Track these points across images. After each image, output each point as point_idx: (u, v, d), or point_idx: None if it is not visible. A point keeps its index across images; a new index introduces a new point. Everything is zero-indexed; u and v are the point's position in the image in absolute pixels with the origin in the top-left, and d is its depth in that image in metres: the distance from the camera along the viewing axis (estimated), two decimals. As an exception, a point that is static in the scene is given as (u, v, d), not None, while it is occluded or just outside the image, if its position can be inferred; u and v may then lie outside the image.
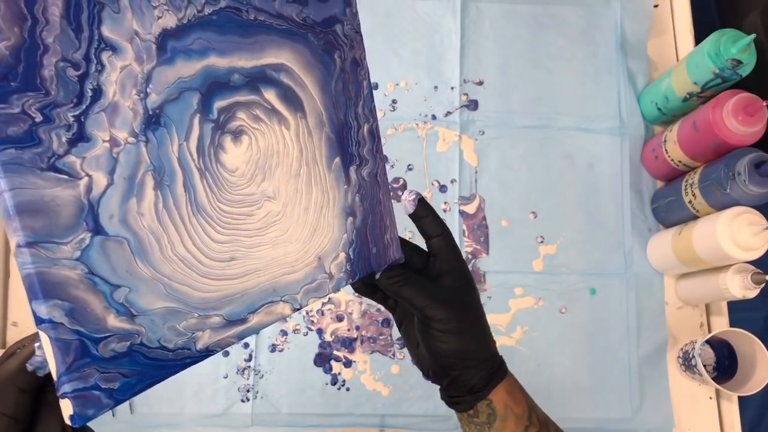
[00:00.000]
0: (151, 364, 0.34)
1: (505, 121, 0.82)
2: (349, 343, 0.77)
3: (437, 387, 0.43)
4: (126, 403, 0.74)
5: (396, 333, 0.77)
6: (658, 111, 0.80)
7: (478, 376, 0.40)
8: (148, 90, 0.35)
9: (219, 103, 0.37)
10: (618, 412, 0.76)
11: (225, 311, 0.37)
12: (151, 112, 0.35)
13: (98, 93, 0.33)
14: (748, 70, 0.68)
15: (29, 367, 0.32)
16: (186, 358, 0.35)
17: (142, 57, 0.34)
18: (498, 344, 0.53)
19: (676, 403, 0.77)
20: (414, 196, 0.45)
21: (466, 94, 0.83)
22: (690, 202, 0.72)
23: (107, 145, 0.33)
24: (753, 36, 0.64)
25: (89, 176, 0.32)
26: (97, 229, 0.32)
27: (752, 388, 0.68)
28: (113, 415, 0.73)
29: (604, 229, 0.80)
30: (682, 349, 0.76)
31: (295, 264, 0.41)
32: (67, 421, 0.30)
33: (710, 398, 0.77)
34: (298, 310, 0.40)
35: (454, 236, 0.45)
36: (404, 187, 0.80)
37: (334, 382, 0.75)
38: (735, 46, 0.66)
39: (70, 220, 0.31)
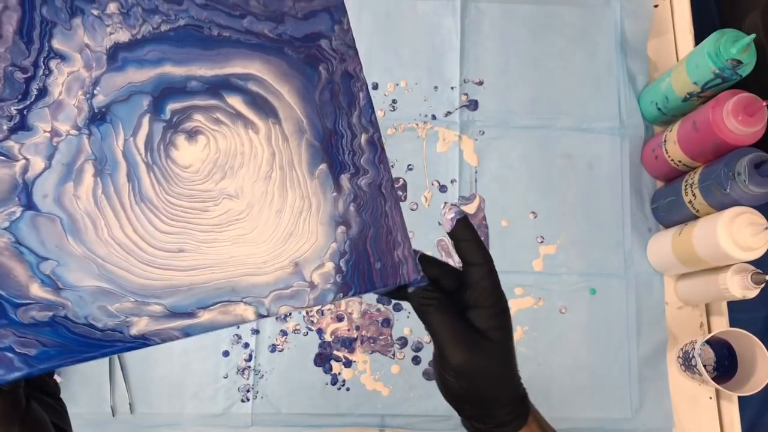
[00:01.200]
0: (76, 340, 0.35)
1: (505, 121, 0.82)
2: (349, 343, 0.77)
3: (437, 387, 0.42)
4: (126, 403, 0.74)
5: (396, 333, 0.77)
6: (658, 111, 0.80)
7: (490, 423, 0.38)
8: (95, 92, 0.37)
9: (172, 106, 0.39)
10: (618, 412, 0.76)
11: (168, 301, 0.37)
12: (96, 110, 0.37)
13: (43, 92, 0.36)
14: (748, 70, 0.68)
15: None
16: (117, 341, 0.35)
17: (91, 65, 0.37)
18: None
19: (676, 403, 0.77)
20: (454, 215, 0.41)
21: (466, 94, 0.83)
22: (690, 202, 0.72)
23: (48, 135, 0.36)
24: (753, 36, 0.64)
25: (26, 159, 0.36)
26: (30, 205, 0.35)
27: (752, 388, 0.68)
28: (113, 415, 0.73)
29: (604, 229, 0.80)
30: (682, 349, 0.76)
31: (262, 266, 0.40)
32: None
33: (710, 398, 0.77)
34: (265, 316, 0.39)
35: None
36: (404, 187, 0.80)
37: (334, 382, 0.75)
38: (735, 46, 0.66)
39: (2, 194, 0.35)
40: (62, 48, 0.37)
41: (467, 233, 0.41)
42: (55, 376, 0.73)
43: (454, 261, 0.78)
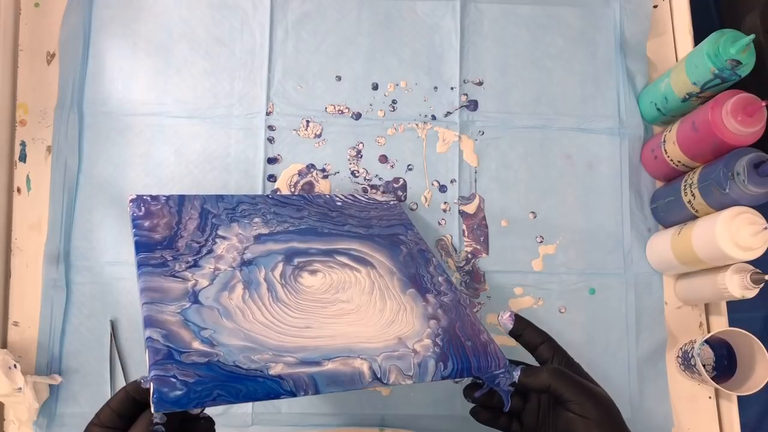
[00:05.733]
0: (225, 374, 0.43)
1: (504, 122, 0.82)
2: (349, 343, 0.77)
3: (437, 386, 0.43)
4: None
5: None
6: (658, 111, 0.80)
7: None
8: (245, 252, 0.58)
9: (298, 259, 0.58)
10: (617, 411, 0.76)
11: (299, 355, 0.46)
12: (245, 260, 0.57)
13: (210, 251, 0.57)
14: (748, 71, 0.68)
15: (139, 379, 0.45)
16: (258, 376, 0.44)
17: (242, 240, 0.59)
18: (498, 344, 0.54)
19: (676, 403, 0.77)
20: (509, 313, 0.53)
21: (465, 95, 0.83)
22: (689, 202, 0.72)
23: (211, 269, 0.54)
24: (752, 36, 0.64)
25: (196, 280, 0.53)
26: (196, 301, 0.50)
27: (751, 387, 0.69)
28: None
29: (604, 229, 0.81)
30: (681, 348, 0.76)
31: (372, 338, 0.50)
32: (152, 405, 0.39)
33: (709, 398, 0.77)
34: (379, 378, 0.47)
35: (454, 236, 0.45)
36: (404, 187, 0.80)
37: (334, 381, 0.75)
38: (734, 47, 0.66)
39: (177, 296, 0.50)
40: (224, 234, 0.60)
41: (524, 323, 0.53)
42: (55, 375, 0.73)
43: (453, 260, 0.78)
